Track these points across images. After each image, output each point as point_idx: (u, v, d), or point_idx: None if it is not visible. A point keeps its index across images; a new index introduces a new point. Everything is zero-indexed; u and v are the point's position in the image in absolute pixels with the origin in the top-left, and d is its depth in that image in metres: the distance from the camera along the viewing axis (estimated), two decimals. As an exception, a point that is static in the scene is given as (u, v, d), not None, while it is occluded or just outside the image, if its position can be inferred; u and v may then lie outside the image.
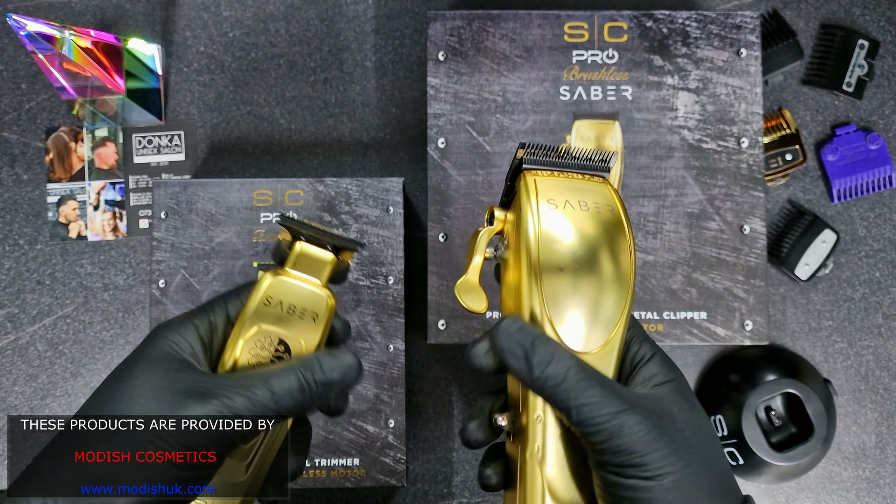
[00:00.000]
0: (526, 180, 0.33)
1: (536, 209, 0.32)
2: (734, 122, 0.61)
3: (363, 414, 0.58)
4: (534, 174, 0.34)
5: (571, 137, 0.61)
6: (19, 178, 0.68)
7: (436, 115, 0.61)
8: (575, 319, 0.32)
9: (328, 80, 0.69)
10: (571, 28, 0.61)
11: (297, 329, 0.37)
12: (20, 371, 0.67)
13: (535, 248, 0.32)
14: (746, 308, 0.59)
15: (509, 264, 0.34)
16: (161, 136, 0.69)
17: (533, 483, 0.32)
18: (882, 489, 0.66)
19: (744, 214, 0.60)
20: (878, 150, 0.67)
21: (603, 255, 0.32)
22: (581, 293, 0.32)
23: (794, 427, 0.63)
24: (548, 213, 0.32)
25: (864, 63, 0.68)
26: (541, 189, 0.33)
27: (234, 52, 0.69)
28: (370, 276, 0.59)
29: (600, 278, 0.32)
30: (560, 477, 0.32)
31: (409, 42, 0.69)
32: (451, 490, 0.66)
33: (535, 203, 0.32)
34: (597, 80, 0.61)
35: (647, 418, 0.30)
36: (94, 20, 0.70)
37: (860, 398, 0.67)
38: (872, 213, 0.68)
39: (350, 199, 0.60)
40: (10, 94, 0.69)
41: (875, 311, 0.67)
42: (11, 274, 0.67)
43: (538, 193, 0.33)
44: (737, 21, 0.61)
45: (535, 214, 0.32)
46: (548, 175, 0.34)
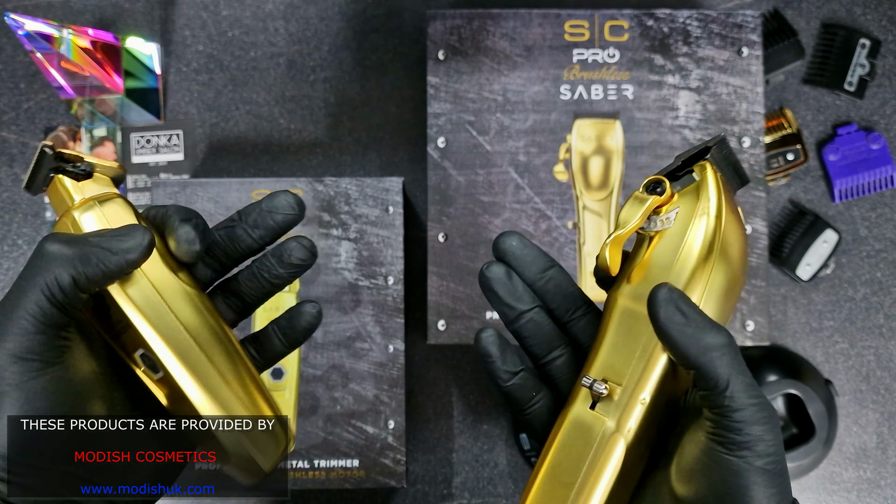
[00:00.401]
0: (711, 174, 0.34)
1: (723, 208, 0.33)
2: (735, 121, 0.61)
3: (363, 415, 0.58)
4: (715, 171, 0.34)
5: (572, 137, 0.60)
6: (18, 178, 0.68)
7: (436, 114, 0.61)
8: (715, 315, 0.33)
9: (328, 80, 0.69)
10: (572, 27, 0.61)
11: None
12: (18, 371, 0.66)
13: (715, 241, 0.33)
14: (747, 308, 0.59)
15: (657, 243, 0.34)
16: (160, 136, 0.69)
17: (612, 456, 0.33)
18: (883, 490, 0.66)
19: (745, 214, 0.60)
20: (879, 149, 0.67)
21: (740, 262, 0.34)
22: (725, 291, 0.33)
23: (795, 428, 0.63)
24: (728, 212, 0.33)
25: (865, 62, 0.67)
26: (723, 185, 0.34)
27: (233, 52, 0.69)
28: (370, 277, 0.59)
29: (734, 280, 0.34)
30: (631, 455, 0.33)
31: (408, 41, 0.69)
32: (451, 491, 0.65)
33: (722, 202, 0.33)
34: (597, 80, 0.61)
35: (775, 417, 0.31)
36: (92, 19, 0.69)
37: (861, 399, 0.66)
38: (874, 213, 0.68)
39: (350, 199, 0.60)
40: (9, 94, 0.69)
41: (876, 311, 0.67)
42: (10, 274, 0.67)
43: (723, 194, 0.33)
44: (738, 20, 0.61)
45: (722, 210, 0.33)
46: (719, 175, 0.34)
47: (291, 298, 0.58)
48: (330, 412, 0.58)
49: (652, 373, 0.33)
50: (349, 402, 0.58)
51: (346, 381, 0.58)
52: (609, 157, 0.60)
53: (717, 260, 0.33)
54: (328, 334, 0.59)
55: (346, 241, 0.59)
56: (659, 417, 0.33)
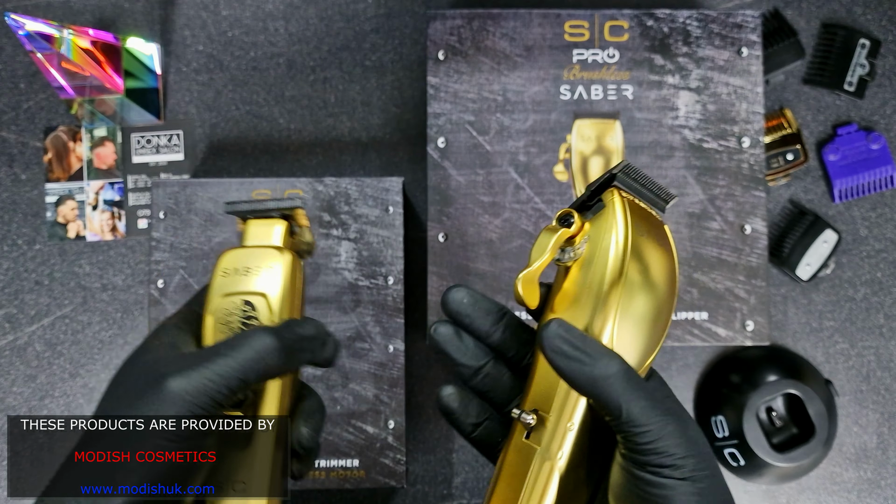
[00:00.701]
0: (619, 197, 0.34)
1: (628, 229, 0.33)
2: (735, 121, 0.61)
3: (363, 415, 0.58)
4: (622, 195, 0.34)
5: (572, 137, 0.60)
6: (17, 177, 0.68)
7: (436, 114, 0.61)
8: (633, 340, 0.33)
9: (327, 80, 0.69)
10: (572, 27, 0.61)
11: (257, 283, 0.37)
12: (19, 371, 0.66)
13: (622, 267, 0.33)
14: (747, 308, 0.59)
15: (573, 273, 0.35)
16: (160, 136, 0.69)
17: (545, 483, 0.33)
18: (883, 490, 0.66)
19: (745, 214, 0.60)
20: (879, 149, 0.67)
21: (664, 285, 0.34)
22: (645, 317, 0.34)
23: (795, 428, 0.63)
24: (635, 236, 0.33)
25: (865, 62, 0.67)
26: (630, 211, 0.34)
27: (233, 52, 0.69)
28: (370, 277, 0.59)
29: (659, 304, 0.34)
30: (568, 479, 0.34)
31: (408, 41, 0.69)
32: (450, 491, 0.65)
33: (627, 223, 0.33)
34: (597, 80, 0.61)
35: (682, 425, 0.31)
36: (92, 19, 0.69)
37: (861, 399, 0.66)
38: (874, 213, 0.68)
39: (350, 199, 0.60)
40: (9, 94, 0.69)
41: (876, 311, 0.67)
42: (10, 274, 0.67)
43: (629, 215, 0.34)
44: (738, 20, 0.61)
45: (626, 234, 0.33)
46: (631, 199, 0.35)
47: None
48: (330, 412, 0.58)
49: (575, 400, 0.33)
50: (349, 402, 0.58)
51: (346, 381, 0.58)
52: (609, 157, 0.60)
53: (631, 283, 0.33)
54: (328, 334, 0.59)
55: (346, 241, 0.59)
56: (594, 443, 0.34)
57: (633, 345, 0.33)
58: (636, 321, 0.33)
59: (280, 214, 0.39)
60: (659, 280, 0.34)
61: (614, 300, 0.33)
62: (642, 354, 0.34)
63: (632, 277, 0.33)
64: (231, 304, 0.37)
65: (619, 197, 0.34)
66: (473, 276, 0.59)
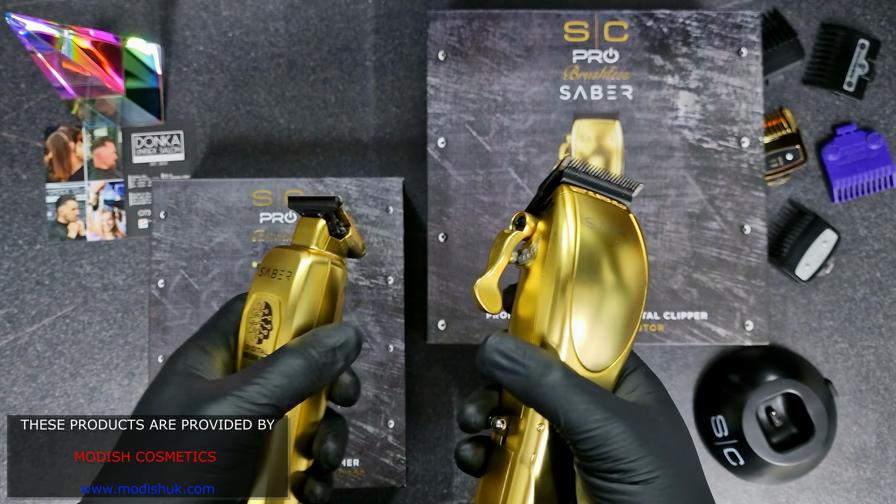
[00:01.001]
0: (565, 194, 0.34)
1: (576, 223, 0.33)
2: (735, 121, 0.61)
3: (363, 414, 0.58)
4: (572, 190, 0.34)
5: (572, 137, 0.61)
6: (18, 177, 0.68)
7: (436, 114, 0.61)
8: (594, 336, 0.33)
9: (328, 80, 0.69)
10: (572, 27, 0.61)
11: (275, 289, 0.37)
12: (19, 371, 0.66)
13: (572, 262, 0.32)
14: (747, 308, 0.59)
15: (532, 272, 0.34)
16: (160, 136, 0.69)
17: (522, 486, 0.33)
18: (883, 490, 0.66)
19: (744, 214, 0.60)
20: (878, 149, 0.67)
21: (627, 277, 0.33)
22: (604, 311, 0.33)
23: (794, 427, 0.63)
24: (584, 229, 0.33)
25: (864, 63, 0.68)
26: (579, 205, 0.33)
27: (233, 52, 0.69)
28: (370, 277, 0.59)
29: (621, 298, 0.33)
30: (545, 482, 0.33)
31: (409, 41, 0.69)
32: (450, 491, 0.65)
33: (575, 217, 0.33)
34: (597, 80, 0.61)
35: (633, 426, 0.31)
36: (93, 20, 0.69)
37: (861, 398, 0.67)
38: (873, 213, 0.68)
39: (350, 199, 0.60)
40: (10, 94, 0.69)
41: (876, 311, 0.67)
42: (10, 274, 0.67)
43: (578, 208, 0.33)
44: (737, 20, 0.61)
45: (575, 228, 0.33)
46: (583, 193, 0.34)
47: None
48: (330, 412, 0.58)
49: None
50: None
51: (346, 381, 0.58)
52: (609, 158, 0.60)
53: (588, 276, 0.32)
54: (328, 334, 0.59)
55: (347, 241, 0.60)
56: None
57: (596, 340, 0.33)
58: (598, 315, 0.33)
59: (323, 213, 0.38)
60: (622, 271, 0.33)
61: (568, 295, 0.32)
62: (610, 349, 0.33)
63: (588, 270, 0.32)
64: (257, 305, 0.37)
65: (567, 192, 0.34)
66: (473, 276, 0.59)
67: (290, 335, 0.36)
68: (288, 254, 0.37)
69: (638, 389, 0.34)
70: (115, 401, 0.66)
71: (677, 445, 0.32)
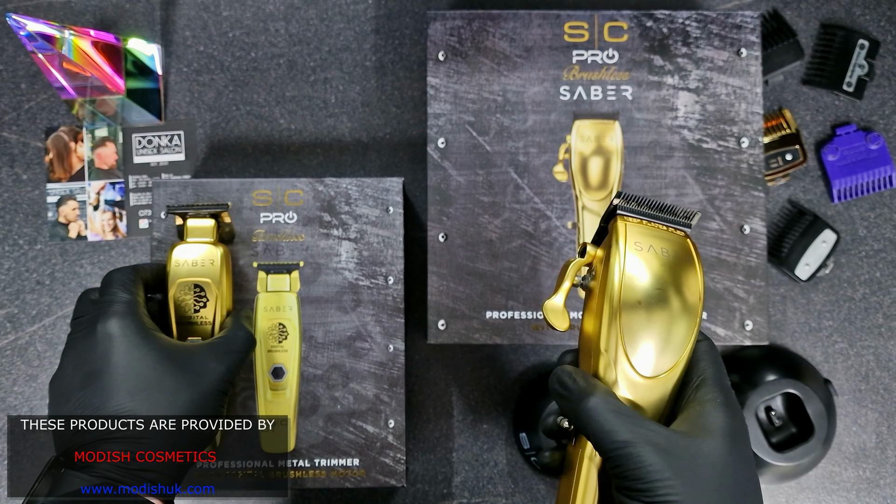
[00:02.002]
0: (617, 225, 0.38)
1: (624, 251, 0.37)
2: (734, 121, 0.61)
3: (363, 414, 0.58)
4: (625, 220, 0.38)
5: (571, 137, 0.61)
6: (19, 178, 0.68)
7: (436, 114, 0.61)
8: (646, 348, 0.37)
9: (328, 80, 0.69)
10: (571, 28, 0.61)
11: (203, 274, 0.53)
12: (20, 371, 0.67)
13: (619, 286, 0.37)
14: (746, 308, 0.59)
15: (594, 293, 0.39)
16: (161, 136, 0.69)
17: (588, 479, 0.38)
18: (882, 489, 0.66)
19: (744, 214, 0.60)
20: (878, 149, 0.67)
21: (674, 294, 0.37)
22: (653, 326, 0.37)
23: (794, 427, 0.63)
24: (632, 256, 0.37)
25: (864, 63, 0.68)
26: (630, 234, 0.37)
27: (233, 52, 0.69)
28: (370, 277, 0.59)
29: (671, 313, 0.37)
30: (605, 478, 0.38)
31: (409, 42, 0.69)
32: (450, 490, 0.65)
33: (624, 246, 0.37)
34: (597, 80, 0.61)
35: (655, 451, 0.33)
36: (93, 20, 0.69)
37: (860, 398, 0.67)
38: (873, 213, 0.68)
39: (350, 199, 0.60)
40: (10, 94, 0.69)
41: (875, 311, 0.67)
42: (11, 274, 0.67)
43: (627, 238, 0.37)
44: (737, 21, 0.61)
45: (622, 256, 0.37)
46: (637, 222, 0.38)
47: (293, 298, 0.58)
48: (330, 411, 0.58)
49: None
50: (349, 402, 0.58)
51: (346, 381, 0.58)
52: (608, 158, 0.60)
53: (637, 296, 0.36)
54: (328, 334, 0.59)
55: (347, 242, 0.60)
56: None
57: (646, 353, 0.37)
58: (646, 331, 0.37)
59: (209, 214, 0.54)
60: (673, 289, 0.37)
61: (618, 314, 0.36)
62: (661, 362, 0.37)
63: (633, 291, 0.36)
64: (185, 286, 0.53)
65: (616, 224, 0.38)
66: (473, 276, 0.59)
67: (223, 304, 0.54)
68: (202, 248, 0.54)
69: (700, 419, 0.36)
70: (116, 401, 0.66)
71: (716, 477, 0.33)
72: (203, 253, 0.54)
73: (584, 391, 0.36)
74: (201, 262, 0.54)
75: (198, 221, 0.55)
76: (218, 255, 0.54)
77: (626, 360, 0.36)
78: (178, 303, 0.53)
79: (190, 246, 0.54)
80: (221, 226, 0.56)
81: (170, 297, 0.53)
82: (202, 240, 0.54)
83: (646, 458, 0.33)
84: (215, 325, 0.54)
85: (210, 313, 0.54)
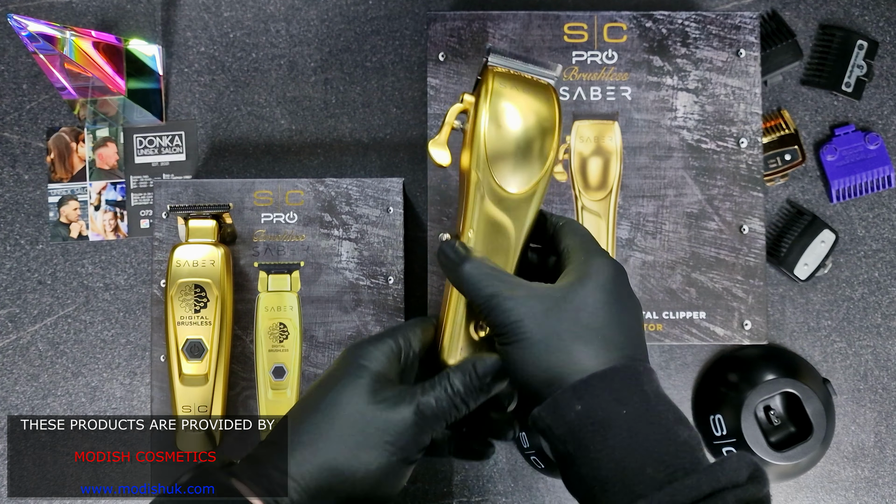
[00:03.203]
0: (487, 73, 0.44)
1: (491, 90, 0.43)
2: (733, 122, 0.61)
3: (363, 413, 0.58)
4: (494, 69, 0.44)
5: (571, 138, 0.61)
6: (20, 178, 0.69)
7: (436, 115, 0.61)
8: (508, 169, 0.43)
9: (328, 81, 0.69)
10: (571, 29, 0.62)
11: (204, 275, 0.55)
12: (21, 371, 0.67)
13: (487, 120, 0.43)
14: (745, 308, 0.60)
15: (468, 131, 0.44)
16: (162, 137, 0.69)
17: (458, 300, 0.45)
18: (881, 489, 0.66)
19: (743, 214, 0.60)
20: (876, 150, 0.67)
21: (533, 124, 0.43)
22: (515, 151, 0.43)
23: (793, 426, 0.63)
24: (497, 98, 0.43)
25: (863, 63, 0.68)
26: (497, 80, 0.43)
27: (234, 53, 0.70)
28: (370, 277, 0.60)
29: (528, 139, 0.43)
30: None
31: (409, 43, 0.70)
32: (450, 489, 0.66)
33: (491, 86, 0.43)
34: (596, 81, 0.61)
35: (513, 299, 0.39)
36: (95, 21, 0.70)
37: (859, 398, 0.67)
38: (871, 213, 0.68)
39: (350, 200, 0.60)
40: (12, 95, 0.69)
41: (874, 310, 0.68)
42: (13, 274, 0.68)
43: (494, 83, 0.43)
44: (736, 21, 0.61)
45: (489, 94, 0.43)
46: (505, 71, 0.44)
47: (293, 298, 0.59)
48: (331, 411, 0.58)
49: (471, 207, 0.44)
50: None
51: (346, 380, 0.58)
52: (608, 158, 0.61)
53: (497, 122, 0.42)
54: (329, 333, 0.59)
55: (347, 242, 0.60)
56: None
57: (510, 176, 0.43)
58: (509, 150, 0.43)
59: (210, 215, 0.56)
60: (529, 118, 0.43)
61: (483, 143, 0.43)
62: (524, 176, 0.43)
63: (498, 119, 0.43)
64: (184, 286, 0.55)
65: (489, 71, 0.43)
66: (473, 275, 0.60)
67: (222, 305, 0.55)
68: (202, 249, 0.55)
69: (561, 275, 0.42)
70: (117, 400, 0.66)
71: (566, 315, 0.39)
72: (204, 254, 0.55)
73: (462, 258, 0.42)
74: (202, 262, 0.55)
75: (199, 222, 0.56)
76: (219, 255, 0.55)
77: (493, 180, 0.43)
78: (178, 300, 0.55)
79: (191, 246, 0.55)
80: (223, 226, 0.57)
81: (170, 297, 0.55)
82: (203, 240, 0.56)
83: (504, 305, 0.39)
84: (215, 325, 0.54)
85: (210, 313, 0.55)
